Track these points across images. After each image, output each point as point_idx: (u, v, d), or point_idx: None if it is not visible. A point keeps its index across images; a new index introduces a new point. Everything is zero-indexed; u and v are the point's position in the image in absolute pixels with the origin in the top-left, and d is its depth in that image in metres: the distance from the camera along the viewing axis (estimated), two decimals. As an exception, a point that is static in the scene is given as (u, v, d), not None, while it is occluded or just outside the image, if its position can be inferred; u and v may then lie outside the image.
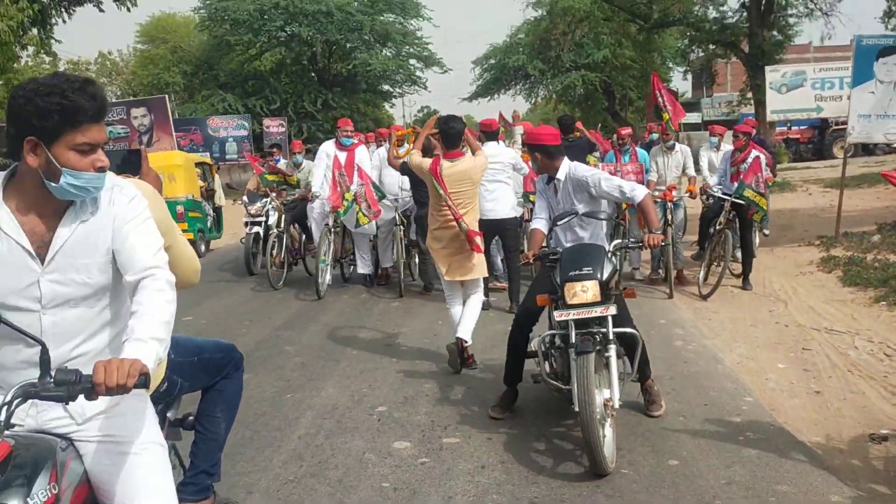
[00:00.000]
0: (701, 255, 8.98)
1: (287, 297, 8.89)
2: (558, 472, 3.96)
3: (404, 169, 6.90)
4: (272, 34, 30.79)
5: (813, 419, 4.91)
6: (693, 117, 42.42)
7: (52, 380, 1.90)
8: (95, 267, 2.12)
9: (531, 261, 4.62)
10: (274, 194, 9.88)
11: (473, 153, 6.04)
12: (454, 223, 5.67)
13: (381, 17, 32.64)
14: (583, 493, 3.70)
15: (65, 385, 1.88)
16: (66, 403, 1.97)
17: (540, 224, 4.79)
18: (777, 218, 12.71)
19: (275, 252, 9.39)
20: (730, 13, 28.10)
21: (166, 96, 18.00)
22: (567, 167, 4.70)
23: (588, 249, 4.38)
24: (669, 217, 8.79)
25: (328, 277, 8.88)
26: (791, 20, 28.43)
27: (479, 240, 5.77)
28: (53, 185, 2.03)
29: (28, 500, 1.81)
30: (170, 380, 2.70)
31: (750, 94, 26.20)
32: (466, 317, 5.76)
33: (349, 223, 8.79)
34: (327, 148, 9.40)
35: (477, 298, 5.89)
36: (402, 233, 8.69)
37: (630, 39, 31.10)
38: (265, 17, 29.70)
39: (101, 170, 2.08)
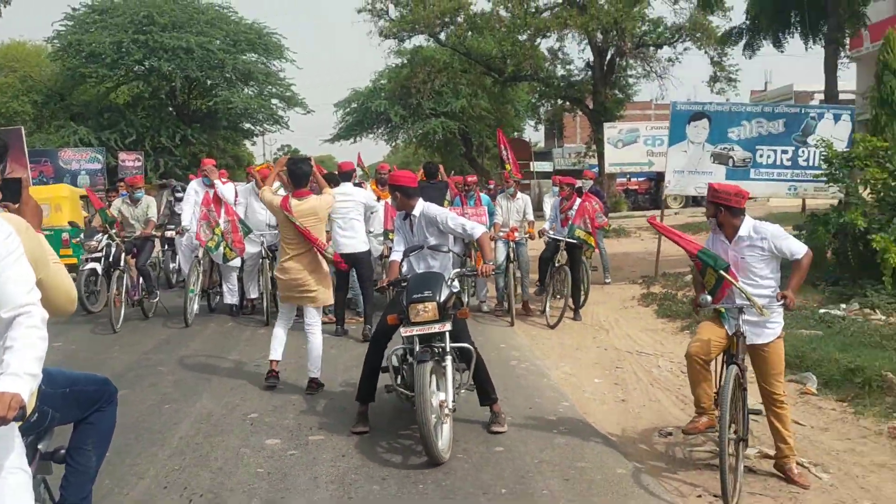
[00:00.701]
0: (543, 291, 10.17)
1: (154, 326, 9.31)
2: (406, 460, 4.81)
3: None
4: (129, 67, 30.51)
5: (616, 420, 6.04)
6: (545, 166, 44.82)
7: None
8: None
9: (385, 286, 5.50)
10: (114, 231, 9.25)
11: (321, 192, 6.90)
12: (302, 256, 6.38)
13: (244, 57, 33.04)
14: (424, 471, 4.58)
15: None
16: None
17: (397, 256, 5.67)
18: (611, 260, 14.25)
19: (116, 290, 9.00)
20: (576, 71, 30.70)
21: (21, 128, 17.75)
22: (421, 206, 5.63)
23: (430, 276, 5.29)
24: (512, 255, 10.00)
25: (196, 307, 9.39)
26: (630, 80, 31.42)
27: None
28: None
29: None
30: (40, 411, 2.67)
31: (595, 147, 28.52)
32: (313, 350, 6.43)
33: (217, 258, 9.38)
34: (195, 186, 9.99)
35: (317, 327, 6.52)
36: (268, 265, 9.34)
37: (486, 91, 33.07)
38: (123, 50, 29.45)
39: None
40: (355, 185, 9.22)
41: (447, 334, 4.99)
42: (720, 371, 4.93)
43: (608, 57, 28.66)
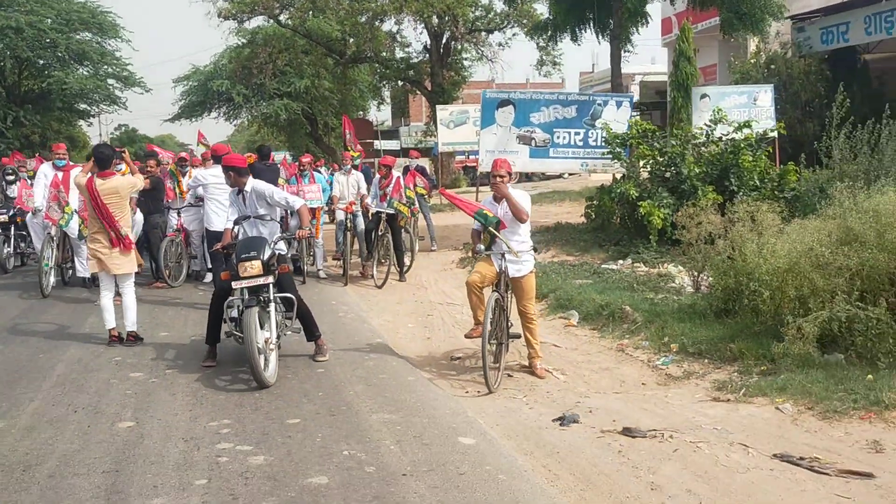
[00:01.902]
0: (370, 258, 11.70)
1: (12, 298, 10.10)
2: (247, 383, 6.17)
3: None
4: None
5: (419, 351, 7.70)
6: (393, 144, 46.36)
7: None
8: None
9: (220, 249, 6.84)
10: None
11: (133, 174, 8.09)
12: (106, 231, 7.48)
13: (77, 36, 32.35)
14: (256, 390, 5.98)
15: None
16: None
17: (229, 224, 7.01)
18: (441, 231, 15.96)
19: None
20: (414, 54, 32.37)
21: None
22: (252, 183, 6.98)
23: (255, 240, 6.63)
24: (350, 224, 11.56)
25: (52, 280, 10.26)
26: (466, 63, 33.46)
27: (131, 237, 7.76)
28: None
29: None
30: None
31: (434, 126, 30.29)
32: (128, 309, 7.58)
33: (72, 232, 10.28)
34: (45, 169, 10.82)
35: (129, 290, 7.66)
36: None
37: (329, 72, 34.13)
38: (-57, 28, 28.33)
39: None
40: None
41: (271, 286, 6.35)
42: (493, 298, 6.65)
43: (444, 40, 30.51)
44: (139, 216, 10.64)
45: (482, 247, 6.89)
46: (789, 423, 5.11)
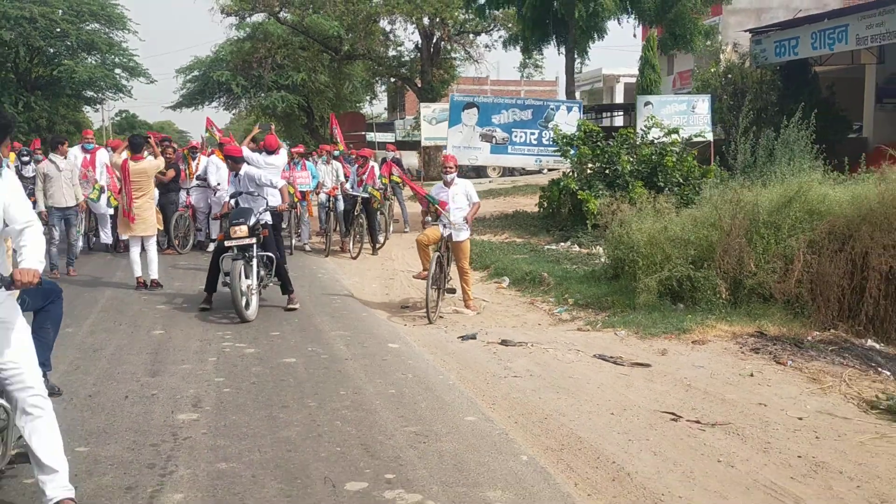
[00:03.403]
0: (347, 233, 14.06)
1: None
2: (233, 319, 8.49)
3: None
4: (-31, 36, 31.65)
5: (378, 300, 10.05)
6: (388, 137, 48.56)
7: None
8: None
9: (219, 216, 9.19)
10: None
11: (155, 157, 10.45)
12: (139, 199, 9.99)
13: (87, 27, 34.70)
14: (239, 324, 8.31)
15: (3, 280, 3.49)
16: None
17: (227, 197, 9.36)
18: (415, 217, 18.28)
19: None
20: (406, 53, 34.79)
21: None
22: (245, 168, 9.30)
23: (244, 209, 8.86)
24: (331, 206, 13.95)
25: (80, 244, 12.59)
26: (455, 62, 35.84)
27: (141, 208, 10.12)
28: None
29: None
30: (22, 298, 4.09)
31: (423, 121, 32.67)
32: (152, 262, 10.05)
33: (99, 207, 12.62)
34: (75, 152, 13.15)
35: (153, 247, 10.16)
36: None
37: (325, 67, 36.47)
38: (-40, 17, 30.61)
39: None
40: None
41: (255, 245, 8.60)
42: (436, 255, 9.00)
43: (434, 41, 32.85)
44: (155, 192, 13.00)
45: (430, 218, 9.34)
46: (618, 341, 7.49)
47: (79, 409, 5.30)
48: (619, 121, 33.61)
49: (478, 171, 36.79)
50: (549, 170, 32.68)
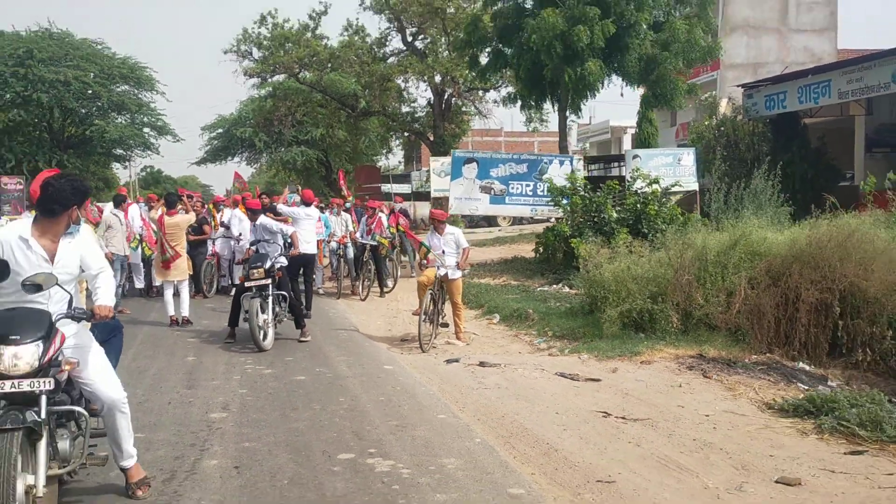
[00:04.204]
0: (358, 277, 15.56)
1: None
2: (253, 349, 9.93)
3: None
4: (6, 98, 33.87)
5: (381, 334, 11.46)
6: (405, 188, 50.45)
7: (76, 310, 4.52)
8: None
9: (242, 262, 10.72)
10: None
11: (187, 212, 12.07)
12: (170, 250, 11.58)
13: (117, 88, 37.02)
14: (258, 352, 9.75)
15: (83, 313, 4.54)
16: (78, 322, 4.57)
17: (247, 244, 10.92)
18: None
19: None
20: (419, 109, 36.74)
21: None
22: (261, 219, 10.84)
23: (261, 255, 10.25)
24: (342, 253, 15.48)
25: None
26: (466, 117, 37.72)
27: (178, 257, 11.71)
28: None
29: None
30: (92, 330, 4.88)
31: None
32: (184, 302, 11.60)
33: (136, 257, 14.23)
34: (110, 207, 14.82)
35: (185, 288, 11.76)
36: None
37: (342, 123, 38.49)
38: (3, 81, 32.87)
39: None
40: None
41: (270, 286, 10.10)
42: (429, 294, 10.42)
43: (445, 97, 34.74)
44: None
45: (425, 261, 10.83)
46: (580, 363, 8.85)
47: (133, 412, 6.63)
48: (626, 170, 35.17)
49: (489, 221, 38.39)
50: (557, 219, 34.53)
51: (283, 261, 10.63)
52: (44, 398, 4.21)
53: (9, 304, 4.44)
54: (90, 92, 35.53)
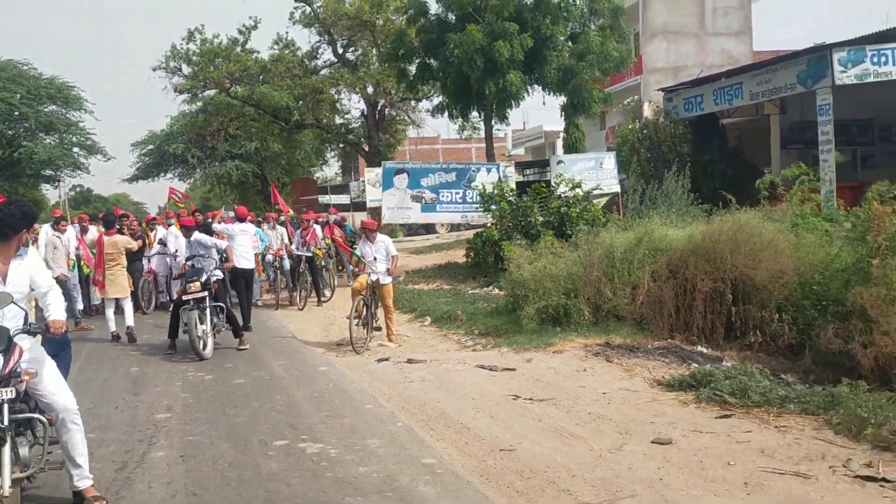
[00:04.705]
0: (295, 288, 16.25)
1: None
2: (194, 358, 10.59)
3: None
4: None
5: (317, 340, 12.19)
6: (343, 198, 50.99)
7: (31, 326, 4.96)
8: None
9: (179, 276, 11.36)
10: None
11: (123, 234, 12.68)
12: (113, 268, 12.16)
13: (45, 109, 36.92)
14: (199, 361, 10.44)
15: (38, 327, 4.98)
16: (34, 336, 5.03)
17: (182, 260, 11.57)
18: (360, 272, 20.53)
19: None
20: (353, 120, 37.45)
21: None
22: (196, 235, 11.50)
23: (198, 269, 10.98)
24: (278, 265, 16.13)
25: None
26: (400, 127, 38.60)
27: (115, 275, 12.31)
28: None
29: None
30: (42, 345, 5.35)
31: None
32: (128, 315, 12.14)
33: (75, 277, 14.68)
34: (46, 229, 15.26)
35: (128, 304, 12.32)
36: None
37: (276, 136, 38.96)
38: (-77, 104, 32.63)
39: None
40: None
41: (207, 298, 10.78)
42: (362, 298, 11.20)
43: (379, 107, 35.54)
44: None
45: (357, 269, 11.65)
46: (499, 356, 9.75)
47: (83, 418, 7.35)
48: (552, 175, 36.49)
49: (427, 228, 39.25)
50: (486, 225, 35.67)
51: (219, 274, 11.31)
52: (6, 407, 4.77)
53: None
54: (17, 113, 35.42)
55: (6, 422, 4.74)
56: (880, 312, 8.89)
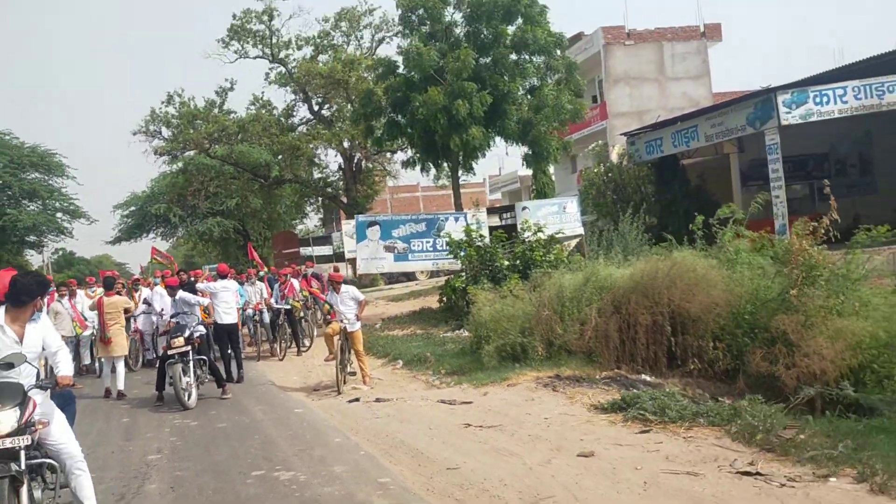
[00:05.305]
0: (275, 339, 17.24)
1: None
2: (177, 409, 11.56)
3: None
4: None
5: (297, 386, 13.16)
6: (325, 250, 52.06)
7: (43, 382, 5.89)
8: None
9: (164, 332, 12.38)
10: None
11: (121, 294, 13.72)
12: (113, 328, 13.15)
13: (28, 176, 38.06)
14: (185, 410, 11.41)
15: (49, 382, 5.95)
16: (45, 391, 5.94)
17: (167, 317, 12.60)
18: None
19: None
20: (331, 174, 38.86)
21: None
22: (179, 293, 12.55)
23: (180, 326, 11.96)
24: (258, 318, 17.16)
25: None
26: (377, 178, 39.98)
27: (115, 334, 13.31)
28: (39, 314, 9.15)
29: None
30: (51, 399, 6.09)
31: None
32: (119, 376, 13.09)
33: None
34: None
35: (121, 365, 13.26)
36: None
37: (256, 192, 40.22)
38: None
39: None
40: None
41: (191, 352, 11.79)
42: (339, 342, 12.22)
43: (355, 160, 36.91)
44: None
45: (329, 317, 12.67)
46: (460, 391, 10.79)
47: (81, 461, 8.37)
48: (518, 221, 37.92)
49: (408, 276, 40.33)
50: (454, 272, 37.02)
51: (202, 329, 12.34)
52: (23, 453, 5.59)
53: None
54: (0, 182, 36.50)
55: (23, 466, 5.56)
56: (800, 337, 10.06)
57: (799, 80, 21.58)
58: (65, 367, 6.08)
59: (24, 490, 5.52)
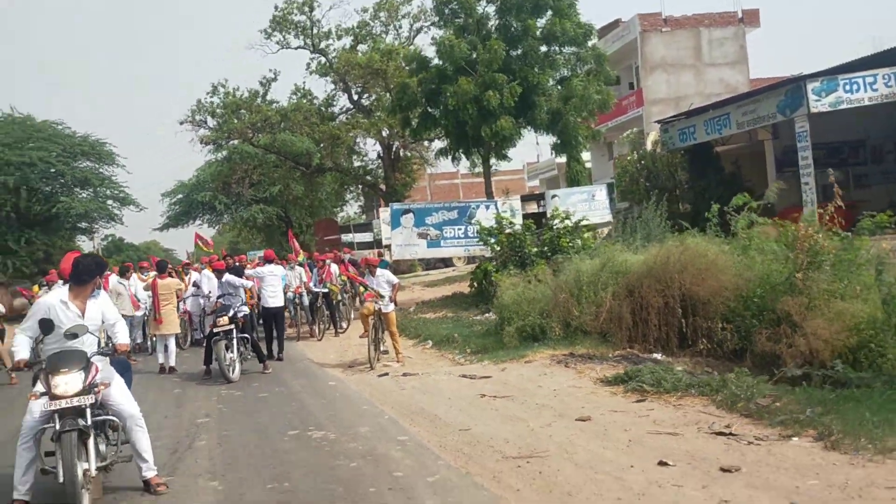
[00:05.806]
0: (314, 321, 18.35)
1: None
2: (222, 382, 12.69)
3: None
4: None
5: (333, 363, 14.24)
6: (367, 237, 53.31)
7: (103, 349, 6.88)
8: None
9: (211, 312, 13.52)
10: None
11: (173, 277, 14.91)
12: (167, 308, 14.34)
13: (80, 165, 39.84)
14: (229, 384, 12.55)
15: (108, 349, 6.95)
16: (105, 357, 6.91)
17: (214, 298, 13.73)
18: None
19: None
20: (371, 162, 39.97)
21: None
22: (226, 276, 13.67)
23: (225, 306, 13.04)
24: (298, 301, 18.29)
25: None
26: (415, 165, 40.98)
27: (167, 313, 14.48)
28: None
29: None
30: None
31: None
32: (171, 353, 14.29)
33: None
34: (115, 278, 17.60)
35: (171, 342, 14.44)
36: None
37: (298, 180, 41.52)
38: (-32, 167, 35.54)
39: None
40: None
41: (234, 329, 12.88)
42: (373, 321, 13.24)
43: (394, 149, 37.93)
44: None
45: (365, 298, 13.75)
46: (481, 368, 11.74)
47: (139, 424, 9.51)
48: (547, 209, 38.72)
49: (445, 262, 41.34)
50: (486, 257, 37.94)
51: (245, 309, 13.45)
52: (88, 410, 6.54)
53: (55, 349, 6.77)
54: (53, 171, 38.27)
55: (90, 421, 6.54)
56: (803, 318, 10.80)
57: (829, 67, 21.98)
58: (122, 337, 7.03)
59: (90, 442, 6.47)
